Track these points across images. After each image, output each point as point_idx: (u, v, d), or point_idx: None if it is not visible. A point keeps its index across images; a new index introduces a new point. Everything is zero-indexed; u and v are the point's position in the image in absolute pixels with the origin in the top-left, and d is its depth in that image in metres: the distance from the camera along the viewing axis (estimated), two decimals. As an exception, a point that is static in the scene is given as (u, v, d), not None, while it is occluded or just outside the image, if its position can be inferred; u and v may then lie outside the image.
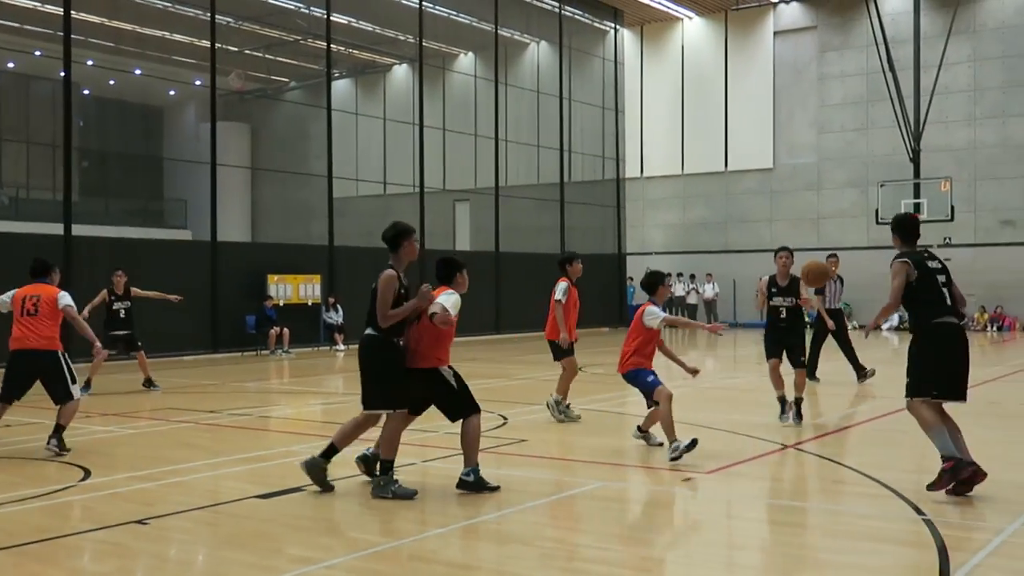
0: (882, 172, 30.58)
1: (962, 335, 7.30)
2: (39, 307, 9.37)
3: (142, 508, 6.93)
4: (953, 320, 7.28)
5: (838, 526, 6.43)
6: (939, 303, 7.21)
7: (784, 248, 10.98)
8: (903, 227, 7.56)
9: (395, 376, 7.28)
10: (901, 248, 7.47)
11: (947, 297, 7.26)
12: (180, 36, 30.90)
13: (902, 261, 7.25)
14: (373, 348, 7.26)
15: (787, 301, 10.63)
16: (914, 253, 7.36)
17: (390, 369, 7.26)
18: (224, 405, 12.98)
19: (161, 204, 37.48)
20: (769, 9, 33.49)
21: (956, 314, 7.33)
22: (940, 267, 7.38)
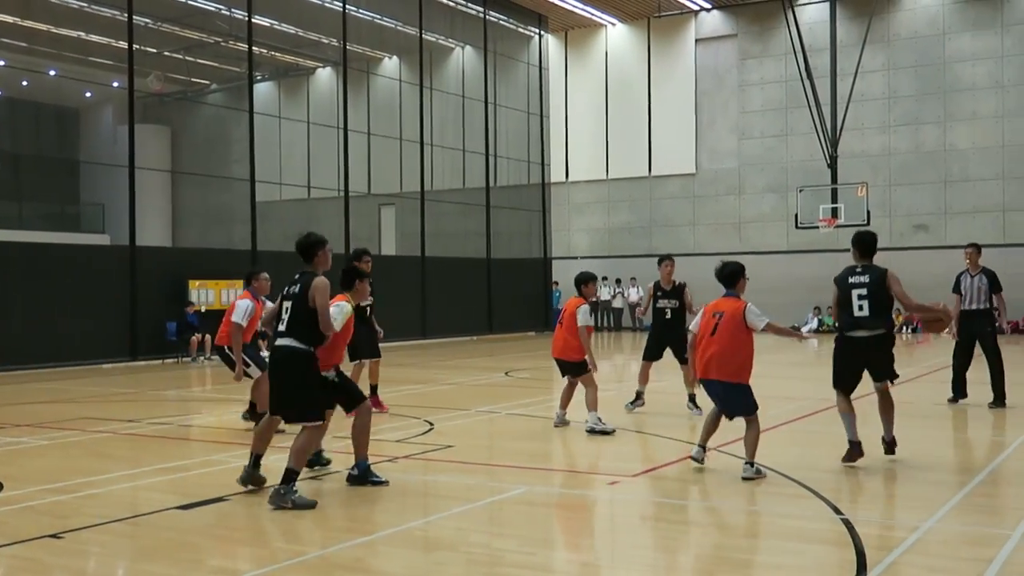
0: (801, 177, 31.24)
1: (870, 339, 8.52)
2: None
3: (57, 521, 6.74)
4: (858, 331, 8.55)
5: (760, 526, 6.53)
6: (847, 315, 8.50)
7: (668, 256, 12.54)
8: (859, 243, 8.77)
9: (321, 388, 7.26)
10: (857, 261, 8.71)
11: (860, 308, 8.44)
12: (96, 37, 30.19)
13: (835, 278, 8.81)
14: (303, 361, 7.13)
15: (671, 303, 11.93)
16: (844, 270, 8.72)
17: (317, 381, 7.23)
18: (143, 414, 12.69)
19: (78, 208, 36.55)
20: (691, 17, 33.98)
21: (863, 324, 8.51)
22: (862, 282, 8.51)
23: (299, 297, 7.12)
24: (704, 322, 8.16)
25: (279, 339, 7.22)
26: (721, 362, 7.90)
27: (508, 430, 11.08)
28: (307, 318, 7.08)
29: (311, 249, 7.35)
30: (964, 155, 30.33)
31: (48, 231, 29.40)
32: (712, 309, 8.18)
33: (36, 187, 34.64)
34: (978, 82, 30.17)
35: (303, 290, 7.12)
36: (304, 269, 7.34)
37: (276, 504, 7.00)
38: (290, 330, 7.13)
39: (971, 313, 12.30)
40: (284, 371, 7.16)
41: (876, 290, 8.27)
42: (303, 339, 7.12)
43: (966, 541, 6.21)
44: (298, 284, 7.21)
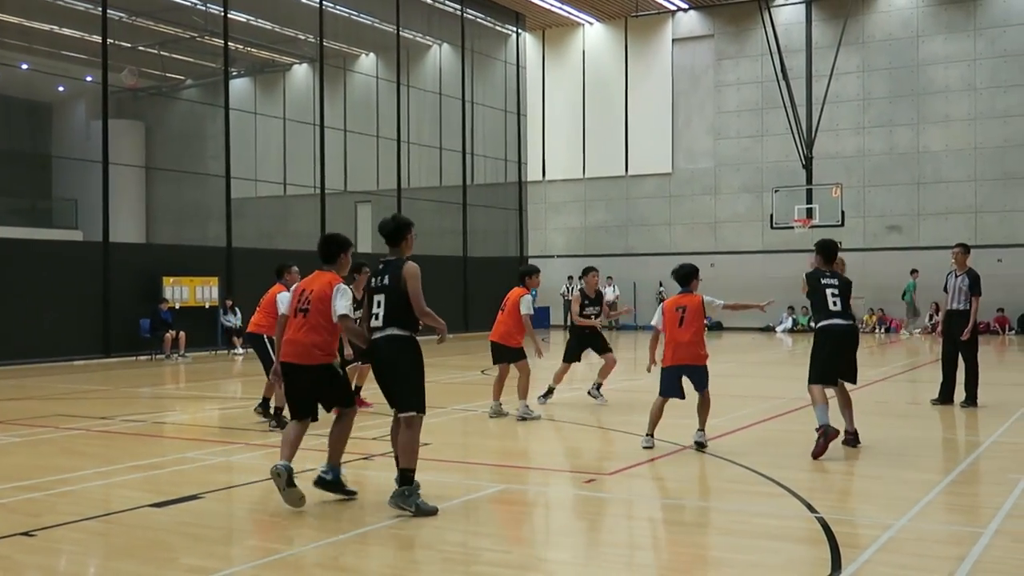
0: (776, 178, 31.42)
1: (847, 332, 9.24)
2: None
3: (29, 519, 6.68)
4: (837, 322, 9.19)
5: (734, 525, 6.56)
6: (825, 310, 9.22)
7: (592, 268, 13.65)
8: (825, 250, 9.53)
9: (423, 377, 6.98)
10: (820, 266, 9.42)
11: (834, 304, 9.18)
12: (70, 30, 29.89)
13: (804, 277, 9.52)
14: (412, 348, 6.86)
15: (595, 310, 12.91)
16: (814, 272, 9.40)
17: (422, 369, 6.94)
18: (117, 411, 12.59)
19: (50, 203, 36.17)
20: (668, 17, 34.08)
21: (843, 316, 9.21)
22: (834, 283, 9.28)
23: (391, 287, 6.83)
24: (669, 317, 9.21)
25: (377, 332, 6.89)
26: (691, 348, 9.13)
27: (484, 428, 11.08)
28: (405, 305, 6.82)
29: (399, 232, 7.01)
30: (937, 157, 30.60)
31: (20, 226, 29.11)
32: (673, 305, 9.28)
33: (7, 182, 34.27)
34: (951, 85, 30.44)
35: (395, 279, 6.83)
36: (387, 258, 7.00)
37: (397, 505, 6.70)
38: (390, 321, 6.83)
39: (952, 313, 12.39)
40: (394, 360, 6.87)
41: (845, 290, 9.26)
42: (404, 327, 6.85)
43: (939, 539, 6.26)
44: (386, 275, 6.89)
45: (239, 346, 22.84)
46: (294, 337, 6.99)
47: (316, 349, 6.96)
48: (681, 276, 9.44)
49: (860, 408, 12.54)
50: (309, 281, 7.11)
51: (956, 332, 12.23)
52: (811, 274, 9.39)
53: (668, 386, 9.24)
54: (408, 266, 6.86)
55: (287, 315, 7.18)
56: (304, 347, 6.95)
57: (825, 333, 9.22)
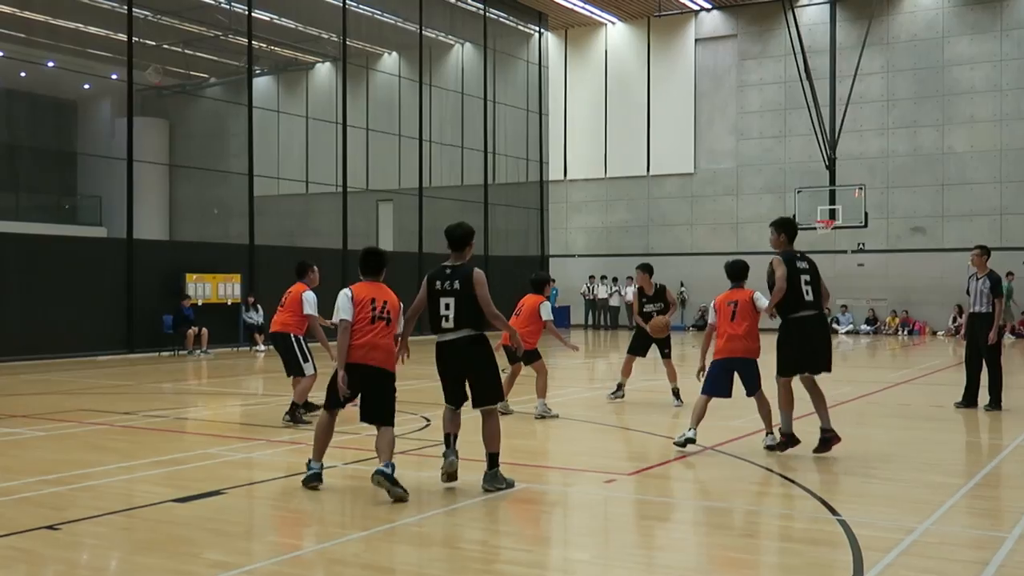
0: (799, 179, 31.28)
1: (819, 321, 8.90)
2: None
3: (53, 513, 6.74)
4: (812, 312, 8.82)
5: (755, 526, 6.54)
6: (800, 298, 8.74)
7: (643, 265, 13.45)
8: (790, 228, 9.20)
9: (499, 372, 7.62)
10: (784, 247, 8.97)
11: (807, 292, 8.75)
12: (95, 29, 30.12)
13: (779, 258, 8.84)
14: (487, 347, 7.48)
15: (656, 307, 12.80)
16: (787, 253, 8.90)
17: (497, 366, 7.58)
18: (140, 407, 12.69)
19: (75, 200, 36.47)
20: (691, 17, 33.98)
21: (816, 306, 8.85)
22: (806, 267, 8.86)
23: (462, 292, 7.30)
24: (721, 312, 9.27)
25: (449, 334, 7.35)
26: (744, 342, 9.10)
27: (505, 428, 11.04)
28: (476, 308, 7.33)
29: (466, 239, 7.52)
30: (962, 158, 30.37)
31: (45, 223, 29.36)
32: (725, 300, 9.31)
33: (33, 179, 34.56)
34: (976, 86, 30.21)
35: (465, 284, 7.30)
36: (452, 263, 7.44)
37: (492, 487, 7.30)
38: (462, 323, 7.31)
39: (974, 316, 12.31)
40: (473, 359, 7.38)
41: (815, 277, 8.89)
42: (477, 327, 7.38)
43: (963, 543, 6.22)
44: (454, 279, 7.34)
45: (261, 343, 22.95)
46: (379, 342, 7.28)
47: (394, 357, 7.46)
48: (733, 271, 9.53)
49: (883, 411, 12.49)
50: (374, 290, 7.40)
51: (979, 335, 12.13)
52: (787, 258, 8.83)
53: (715, 382, 9.14)
54: (477, 273, 7.41)
55: (349, 321, 7.27)
56: (390, 354, 7.38)
57: (798, 323, 8.78)
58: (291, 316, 10.97)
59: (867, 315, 31.16)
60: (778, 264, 8.78)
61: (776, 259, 8.85)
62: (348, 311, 7.26)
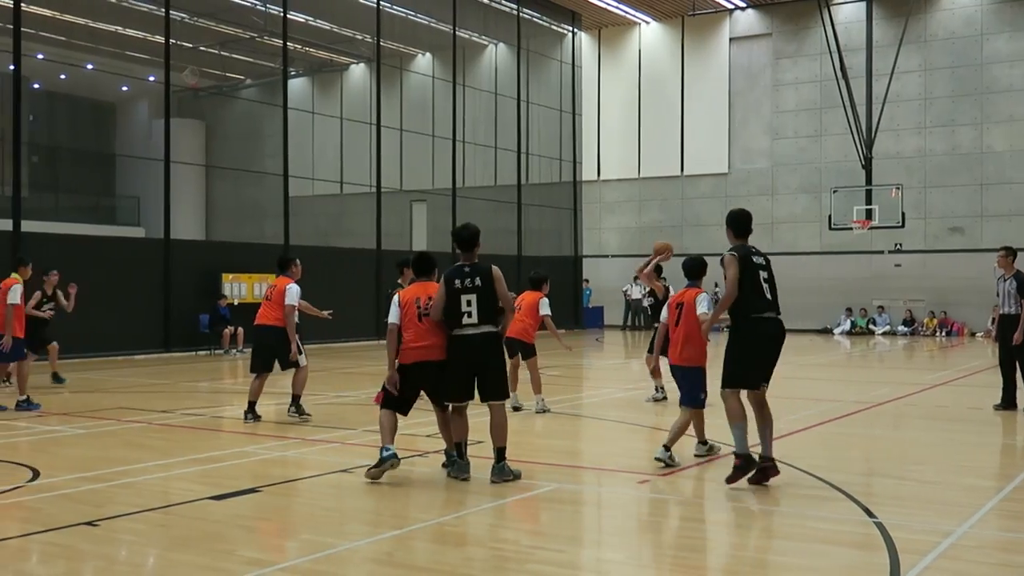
0: (834, 178, 31.01)
1: (779, 328, 7.66)
2: None
3: (92, 509, 6.83)
4: (772, 315, 7.61)
5: (790, 528, 6.50)
6: (759, 298, 7.52)
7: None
8: (737, 222, 7.88)
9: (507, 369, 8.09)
10: (734, 242, 7.79)
11: (765, 292, 7.56)
12: (133, 31, 30.48)
13: (731, 254, 7.58)
14: (502, 344, 7.85)
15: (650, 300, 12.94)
16: (743, 247, 7.70)
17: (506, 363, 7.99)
18: (176, 405, 12.83)
19: (113, 201, 36.93)
20: (725, 15, 33.80)
21: (775, 308, 7.65)
22: (764, 263, 7.70)
23: (484, 289, 7.63)
24: (670, 313, 8.71)
25: (470, 328, 7.60)
26: (685, 348, 8.38)
27: (536, 427, 11.09)
28: (495, 304, 7.68)
29: (473, 239, 7.88)
30: (1000, 157, 29.97)
31: (84, 223, 29.74)
32: (675, 300, 8.71)
33: (72, 180, 35.06)
34: (1015, 84, 29.80)
35: (486, 281, 7.65)
36: (467, 262, 7.79)
37: (500, 479, 7.57)
38: (484, 318, 7.62)
39: (1003, 317, 12.17)
40: (490, 354, 7.69)
41: (772, 275, 7.71)
42: (495, 324, 7.70)
43: (1000, 546, 6.14)
44: (474, 276, 7.66)
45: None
46: (432, 342, 7.69)
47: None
48: (689, 268, 8.74)
49: (920, 413, 12.37)
50: (420, 289, 7.89)
51: (1008, 336, 12.00)
52: (742, 253, 7.59)
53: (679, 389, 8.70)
54: (496, 270, 7.74)
55: (396, 324, 7.78)
56: (441, 348, 7.69)
57: (757, 325, 7.51)
58: (281, 310, 11.35)
59: (904, 316, 30.85)
60: (730, 262, 7.49)
61: (728, 255, 7.56)
62: (395, 315, 7.80)
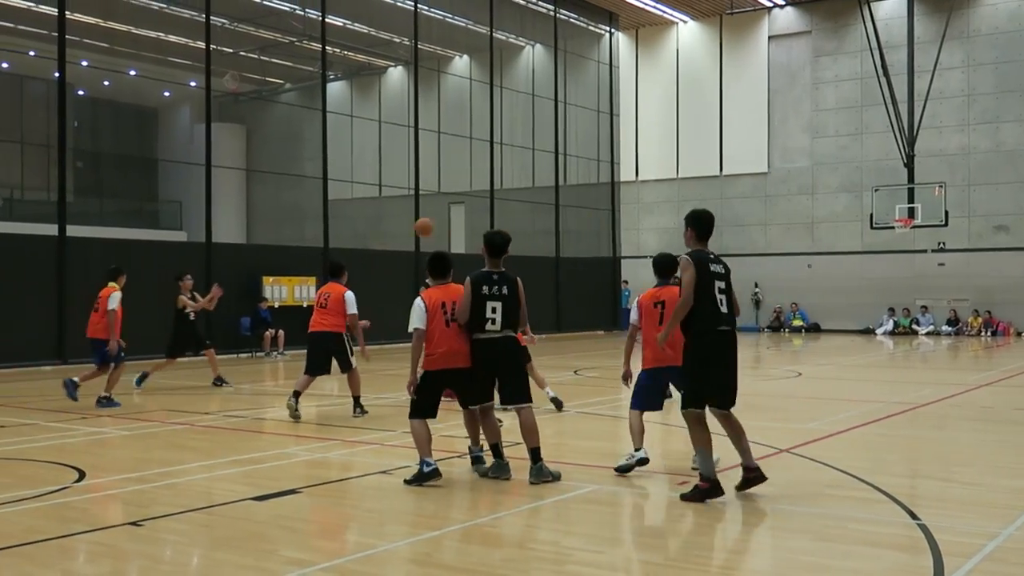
0: (876, 177, 30.68)
1: (733, 342, 7.23)
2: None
3: (136, 510, 6.92)
4: (727, 328, 7.17)
5: (832, 530, 6.44)
6: (714, 310, 7.08)
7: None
8: (699, 223, 7.37)
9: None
10: (694, 245, 7.32)
11: (721, 303, 7.12)
12: (175, 37, 30.87)
13: (687, 258, 7.15)
14: (522, 350, 8.13)
15: None
16: (700, 252, 7.23)
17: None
18: (219, 407, 12.97)
19: (156, 205, 37.43)
20: (764, 14, 33.57)
21: (731, 321, 7.20)
22: (722, 272, 7.28)
23: (510, 296, 7.84)
24: (647, 314, 8.16)
25: (494, 334, 7.77)
26: (676, 348, 7.55)
27: (576, 428, 11.08)
28: (517, 312, 7.91)
29: (506, 246, 8.11)
30: (1047, 154, 29.48)
31: (128, 228, 30.14)
32: (651, 299, 8.20)
33: (116, 184, 35.59)
34: (1062, 79, 29.31)
35: (512, 290, 7.88)
36: (495, 270, 7.97)
37: (539, 479, 7.65)
38: (506, 324, 7.81)
39: None
40: (513, 360, 7.91)
41: (730, 285, 7.35)
42: (515, 329, 7.92)
43: (1047, 550, 6.04)
44: (501, 284, 7.86)
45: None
46: (459, 348, 7.80)
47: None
48: (660, 266, 8.35)
49: (965, 414, 12.20)
50: (443, 294, 7.97)
51: None
52: (698, 257, 7.14)
53: (645, 394, 8.21)
54: (519, 281, 8.00)
55: (423, 330, 7.83)
56: (466, 355, 7.83)
57: (715, 338, 7.12)
58: (338, 317, 11.66)
59: (948, 316, 30.43)
60: (686, 265, 7.07)
61: (684, 258, 7.15)
62: (422, 320, 7.79)
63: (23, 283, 19.14)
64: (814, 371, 18.14)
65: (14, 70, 33.04)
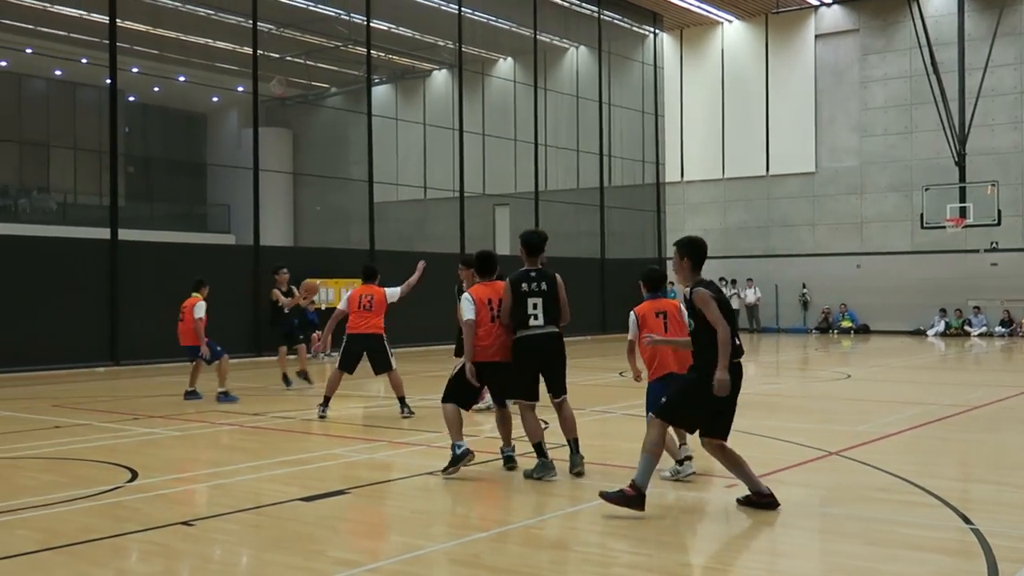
0: (926, 176, 30.23)
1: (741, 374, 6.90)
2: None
3: (187, 510, 7.02)
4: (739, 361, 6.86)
5: (882, 534, 6.35)
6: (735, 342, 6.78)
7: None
8: (696, 251, 7.16)
9: None
10: (691, 275, 7.07)
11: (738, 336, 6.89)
12: (223, 43, 31.27)
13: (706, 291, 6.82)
14: (562, 343, 8.19)
15: None
16: (710, 283, 6.97)
17: None
18: (267, 408, 13.10)
19: (205, 209, 37.91)
20: (810, 12, 33.23)
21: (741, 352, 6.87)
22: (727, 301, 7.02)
23: (550, 293, 8.06)
24: (652, 324, 8.00)
25: (537, 329, 8.01)
26: (683, 355, 7.54)
27: (622, 431, 11.04)
28: (558, 307, 8.14)
29: (543, 246, 8.33)
30: (1103, 152, 28.87)
31: (177, 231, 30.57)
32: (652, 310, 8.10)
33: (166, 189, 36.11)
34: (1119, 75, 28.68)
35: (552, 286, 8.09)
36: (533, 267, 8.15)
37: (582, 467, 8.03)
38: (550, 320, 8.06)
39: None
40: (558, 354, 8.13)
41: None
42: (557, 324, 8.13)
43: (1105, 556, 5.92)
44: (542, 281, 8.07)
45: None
46: (502, 342, 8.11)
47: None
48: (654, 280, 8.36)
49: (1019, 416, 11.98)
50: (490, 291, 8.25)
51: None
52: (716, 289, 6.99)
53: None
54: (559, 277, 8.22)
55: (474, 320, 8.11)
56: (507, 349, 8.12)
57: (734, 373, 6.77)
58: (381, 318, 12.05)
59: (1001, 316, 29.90)
60: (705, 300, 6.74)
61: (701, 293, 6.76)
62: (472, 311, 8.11)
63: (76, 286, 19.49)
64: (864, 373, 17.91)
65: (67, 77, 33.67)
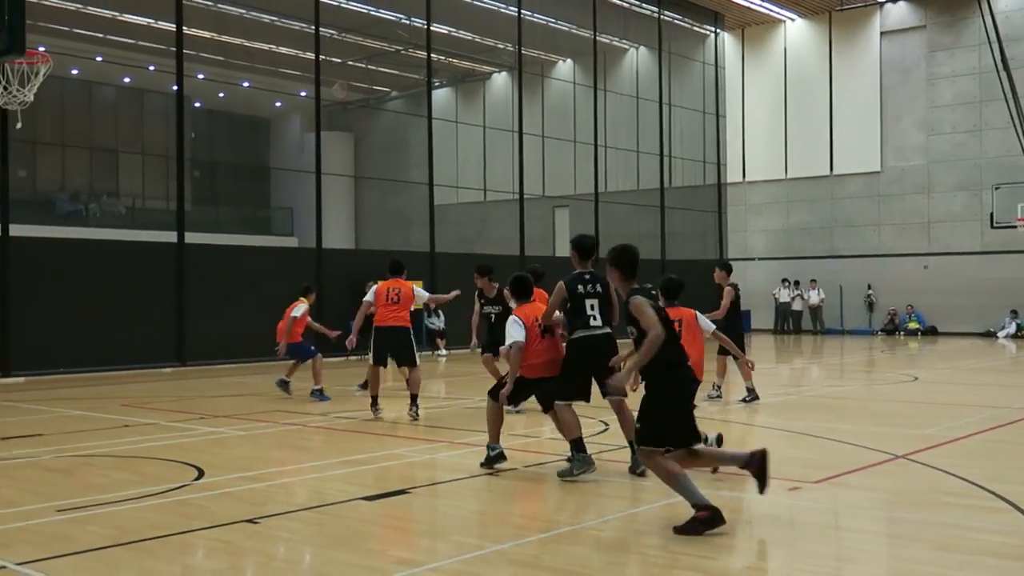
0: (996, 174, 29.56)
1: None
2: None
3: (252, 508, 7.12)
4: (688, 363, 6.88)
5: (951, 540, 6.22)
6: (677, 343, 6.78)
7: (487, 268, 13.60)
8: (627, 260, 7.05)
9: None
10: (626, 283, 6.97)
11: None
12: (285, 49, 31.69)
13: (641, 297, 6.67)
14: (616, 344, 8.21)
15: (495, 309, 13.19)
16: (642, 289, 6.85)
17: None
18: (330, 408, 13.24)
19: (268, 212, 38.46)
20: (875, 9, 32.69)
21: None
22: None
23: (604, 295, 8.21)
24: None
25: (597, 330, 8.14)
26: (699, 366, 8.60)
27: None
28: (611, 310, 8.27)
29: (595, 249, 8.55)
30: None
31: (242, 234, 31.06)
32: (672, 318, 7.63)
33: (231, 193, 36.71)
34: None
35: (605, 289, 8.20)
36: (587, 271, 8.31)
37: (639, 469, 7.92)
38: (604, 321, 8.21)
39: None
40: (610, 354, 8.12)
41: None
42: (610, 326, 8.26)
43: None
44: (597, 283, 8.22)
45: (442, 347, 23.56)
46: (553, 357, 8.31)
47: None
48: (673, 288, 9.35)
49: (1093, 420, 11.64)
50: (533, 310, 8.49)
51: None
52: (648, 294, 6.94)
53: None
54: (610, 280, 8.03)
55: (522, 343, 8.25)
56: (558, 364, 8.29)
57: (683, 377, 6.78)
58: (407, 311, 12.31)
59: (1075, 318, 29.14)
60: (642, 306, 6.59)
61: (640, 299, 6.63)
62: (522, 333, 8.28)
63: (144, 288, 19.90)
64: (931, 375, 17.57)
65: (135, 84, 34.41)
